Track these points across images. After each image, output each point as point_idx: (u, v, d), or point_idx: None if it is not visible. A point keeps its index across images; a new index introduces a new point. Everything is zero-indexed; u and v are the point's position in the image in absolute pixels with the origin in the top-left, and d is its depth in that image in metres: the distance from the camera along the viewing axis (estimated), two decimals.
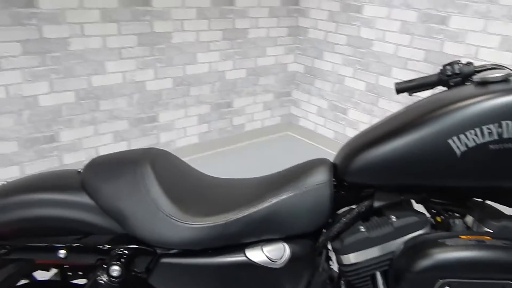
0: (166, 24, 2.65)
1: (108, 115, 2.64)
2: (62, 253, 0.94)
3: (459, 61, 1.11)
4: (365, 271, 0.91)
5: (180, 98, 2.90)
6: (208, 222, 0.88)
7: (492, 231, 0.89)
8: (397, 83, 1.20)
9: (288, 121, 3.64)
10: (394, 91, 2.78)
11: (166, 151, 1.07)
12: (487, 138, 0.83)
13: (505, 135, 0.83)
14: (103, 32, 2.45)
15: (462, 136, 0.84)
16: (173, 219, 0.90)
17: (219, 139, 3.20)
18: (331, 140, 3.30)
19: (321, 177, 0.92)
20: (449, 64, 1.10)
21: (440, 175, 0.88)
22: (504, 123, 0.83)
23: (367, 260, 0.90)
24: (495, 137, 0.83)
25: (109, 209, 0.92)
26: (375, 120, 2.95)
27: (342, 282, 0.99)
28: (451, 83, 1.10)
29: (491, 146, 0.83)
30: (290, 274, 0.86)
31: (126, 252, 0.92)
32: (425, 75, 1.77)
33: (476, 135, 0.84)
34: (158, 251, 0.93)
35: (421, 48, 2.59)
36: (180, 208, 0.92)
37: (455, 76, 1.09)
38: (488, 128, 0.83)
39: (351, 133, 3.13)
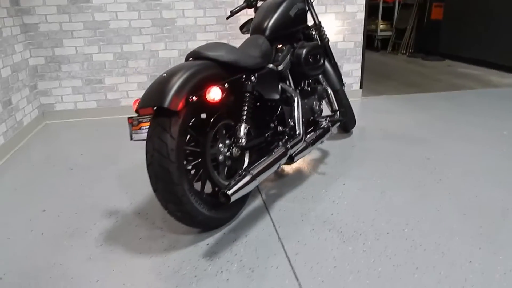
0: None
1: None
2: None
3: None
4: (287, 67, 2.14)
5: None
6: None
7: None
8: (230, 11, 2.48)
9: (42, 112, 3.66)
10: (140, 53, 3.67)
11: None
12: (294, 10, 2.19)
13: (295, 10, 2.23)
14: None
15: (292, 10, 2.16)
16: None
17: None
18: (95, 109, 3.75)
19: (262, 38, 2.05)
20: None
21: (292, 24, 2.20)
22: (295, 5, 2.25)
23: (286, 63, 2.12)
24: (297, 8, 2.23)
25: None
26: (130, 79, 3.70)
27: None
28: (254, 3, 2.43)
29: (298, 11, 2.24)
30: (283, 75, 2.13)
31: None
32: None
33: (295, 9, 2.26)
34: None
35: (149, 18, 3.59)
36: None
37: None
38: (296, 6, 2.23)
39: (112, 96, 3.73)
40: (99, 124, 3.55)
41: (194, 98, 1.52)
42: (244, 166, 1.85)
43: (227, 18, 2.53)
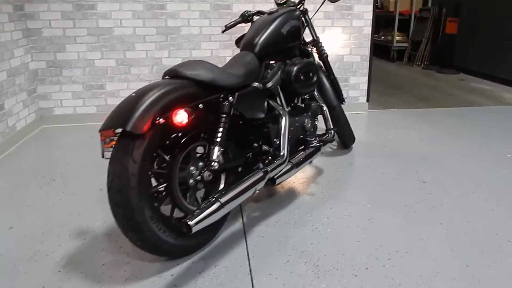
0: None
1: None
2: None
3: (248, 10, 2.37)
4: (276, 84, 2.05)
5: None
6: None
7: None
8: (225, 26, 2.40)
9: (39, 116, 3.63)
10: (144, 60, 3.66)
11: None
12: (287, 27, 2.12)
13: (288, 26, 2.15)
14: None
15: (284, 27, 2.09)
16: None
17: None
18: (94, 114, 3.71)
19: (250, 55, 1.98)
20: (245, 12, 2.36)
21: (284, 41, 2.11)
22: (288, 22, 2.14)
23: (276, 80, 2.05)
24: (290, 25, 2.15)
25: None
26: (132, 85, 3.70)
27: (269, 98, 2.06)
28: (249, 18, 2.36)
29: (291, 28, 2.15)
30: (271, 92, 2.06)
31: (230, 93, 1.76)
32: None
33: (288, 26, 2.13)
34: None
35: (153, 26, 3.61)
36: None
37: (251, 15, 2.37)
38: (289, 23, 2.14)
39: (113, 101, 3.70)
40: (96, 129, 3.51)
41: (161, 120, 1.44)
42: (216, 192, 1.76)
43: (223, 32, 2.45)
